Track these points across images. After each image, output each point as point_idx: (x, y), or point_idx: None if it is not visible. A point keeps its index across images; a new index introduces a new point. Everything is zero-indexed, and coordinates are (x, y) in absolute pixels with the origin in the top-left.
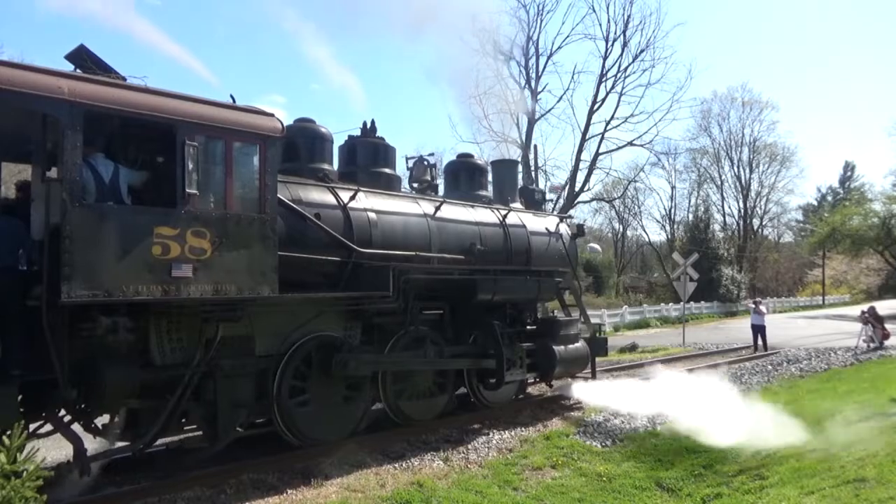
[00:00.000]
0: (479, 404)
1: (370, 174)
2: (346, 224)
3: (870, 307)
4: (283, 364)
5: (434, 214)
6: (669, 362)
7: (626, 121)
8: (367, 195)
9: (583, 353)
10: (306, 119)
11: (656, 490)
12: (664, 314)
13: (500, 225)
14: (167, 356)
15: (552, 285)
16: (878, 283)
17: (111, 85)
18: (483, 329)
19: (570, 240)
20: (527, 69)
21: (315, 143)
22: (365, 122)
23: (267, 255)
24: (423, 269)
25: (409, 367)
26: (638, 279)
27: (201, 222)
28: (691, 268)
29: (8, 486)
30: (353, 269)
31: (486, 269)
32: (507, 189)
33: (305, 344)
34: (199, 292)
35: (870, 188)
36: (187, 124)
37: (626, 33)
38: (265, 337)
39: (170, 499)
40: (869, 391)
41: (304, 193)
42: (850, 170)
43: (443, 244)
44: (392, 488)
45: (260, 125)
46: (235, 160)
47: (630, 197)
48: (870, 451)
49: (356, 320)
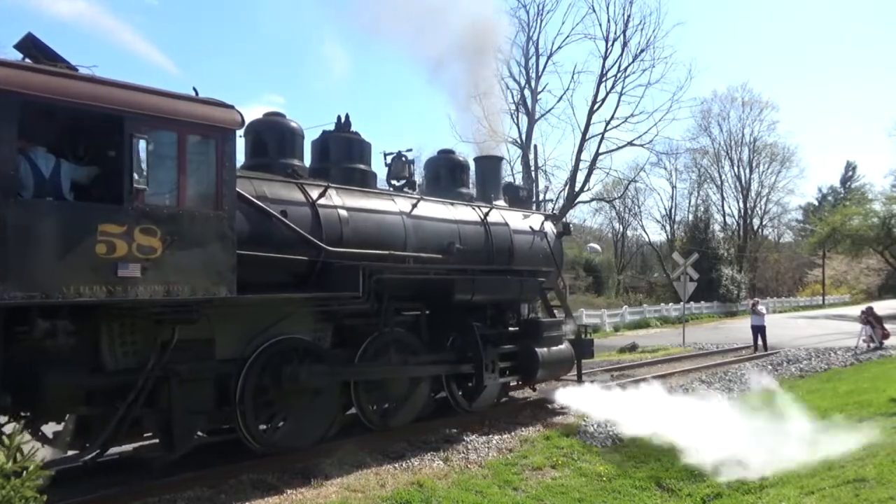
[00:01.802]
0: (459, 409)
1: (344, 170)
2: (315, 222)
3: (868, 307)
4: (247, 368)
5: (411, 212)
6: (670, 362)
7: (626, 121)
8: (339, 192)
9: (567, 356)
10: (276, 113)
11: (656, 490)
12: (664, 314)
13: (482, 223)
14: (119, 360)
15: (535, 285)
16: (878, 283)
17: (51, 74)
18: (462, 331)
19: (555, 239)
20: (527, 69)
21: (284, 138)
22: (339, 117)
23: (224, 253)
24: (398, 269)
25: (370, 376)
26: (638, 279)
27: (151, 219)
28: (691, 268)
29: (8, 486)
30: (322, 268)
31: (465, 268)
32: (490, 186)
33: (271, 347)
34: (148, 293)
35: (870, 188)
36: (135, 116)
37: (626, 33)
38: (227, 340)
39: (170, 499)
40: (869, 391)
41: (269, 190)
42: (851, 170)
43: (420, 243)
44: (392, 488)
45: (217, 117)
46: (189, 154)
47: (630, 197)
48: (870, 451)
49: (326, 322)
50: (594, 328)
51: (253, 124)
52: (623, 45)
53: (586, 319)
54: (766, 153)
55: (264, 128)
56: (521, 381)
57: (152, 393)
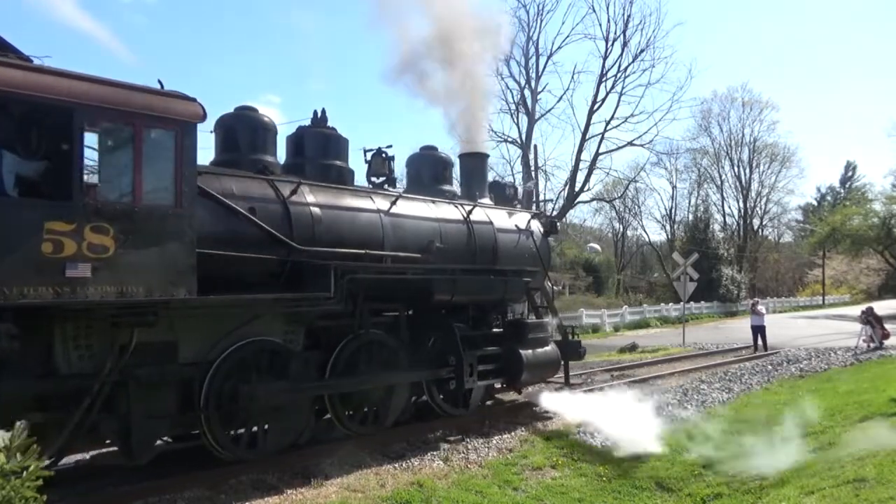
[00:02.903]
0: (440, 412)
1: (319, 167)
2: (285, 220)
3: (868, 307)
4: (213, 372)
5: (389, 210)
6: (670, 362)
7: (626, 121)
8: (312, 189)
9: (553, 358)
10: (247, 107)
11: (656, 490)
12: (664, 314)
13: (464, 221)
14: (74, 364)
15: (520, 285)
16: (878, 283)
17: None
18: (443, 333)
19: (542, 237)
20: (527, 69)
21: (257, 133)
22: (316, 111)
23: (183, 252)
24: (373, 269)
25: (339, 389)
26: (638, 279)
27: (103, 217)
28: (691, 268)
29: (8, 486)
30: (293, 268)
31: (445, 268)
32: (475, 184)
33: (238, 350)
34: (98, 294)
35: (870, 188)
36: (87, 108)
37: (626, 33)
38: (191, 342)
39: (170, 499)
40: (869, 391)
41: (237, 186)
42: (851, 170)
43: (398, 242)
44: (392, 488)
45: (176, 110)
46: (146, 148)
47: (630, 197)
48: (870, 451)
49: (299, 324)
50: (594, 328)
51: (223, 119)
52: (623, 45)
53: (586, 319)
54: (766, 153)
55: (235, 122)
56: (504, 384)
57: (111, 398)
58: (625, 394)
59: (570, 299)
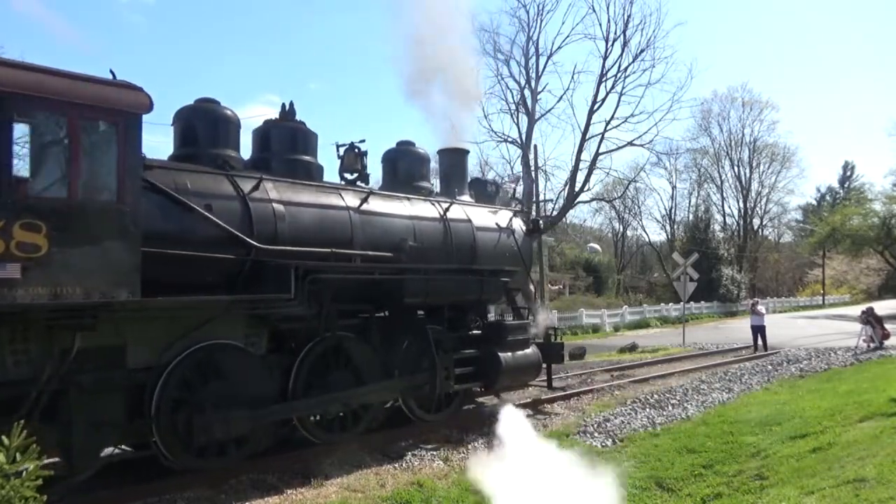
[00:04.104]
0: (413, 417)
1: (286, 162)
2: (245, 217)
3: (868, 307)
4: (165, 378)
5: (359, 207)
6: (670, 362)
7: (626, 121)
8: (276, 185)
9: (533, 361)
10: (208, 99)
11: (656, 490)
12: (664, 314)
13: (441, 219)
14: (10, 370)
15: (498, 285)
16: (878, 283)
17: None
18: (417, 335)
19: (524, 236)
20: (527, 69)
21: (218, 127)
22: (284, 104)
23: (126, 251)
24: (339, 269)
25: (303, 412)
26: (638, 279)
27: (34, 213)
28: (691, 268)
29: (8, 485)
30: (253, 268)
31: (418, 268)
32: (454, 180)
33: (193, 354)
34: (29, 297)
35: (870, 188)
36: (16, 97)
37: (626, 33)
38: (140, 347)
39: (170, 499)
40: (869, 391)
41: (193, 182)
42: (849, 170)
43: (368, 240)
44: (392, 488)
45: (118, 100)
46: (84, 140)
47: (630, 197)
48: (870, 451)
49: (261, 326)
50: (594, 328)
51: (181, 112)
52: (623, 45)
53: (586, 319)
54: (766, 153)
55: (194, 115)
56: (482, 388)
57: (51, 406)
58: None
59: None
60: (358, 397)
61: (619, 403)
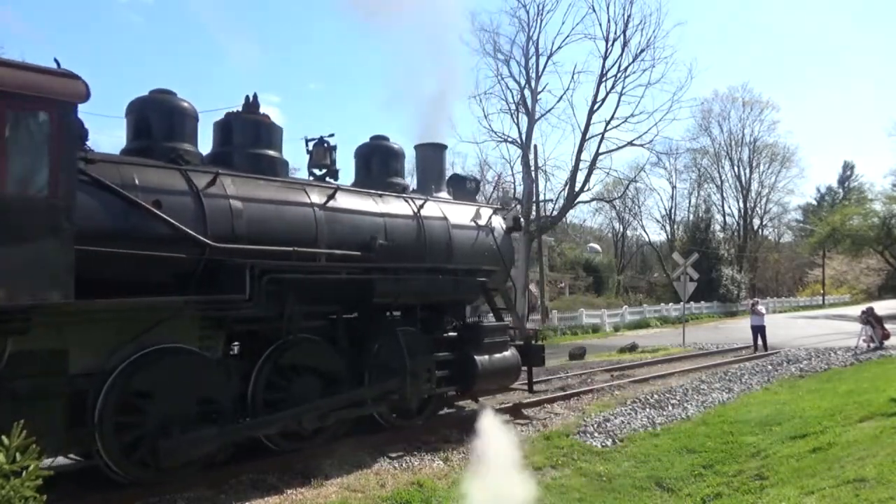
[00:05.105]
0: (383, 423)
1: (248, 157)
2: (198, 214)
3: (868, 307)
4: (110, 384)
5: (325, 204)
6: (670, 362)
7: (626, 121)
8: (234, 181)
9: (512, 364)
10: (163, 90)
11: (656, 490)
12: (664, 314)
13: (414, 217)
14: None
15: (474, 285)
16: (879, 283)
17: None
18: (389, 338)
19: (503, 234)
20: (527, 69)
21: (173, 119)
22: (247, 97)
23: (58, 250)
24: (301, 268)
25: (274, 429)
26: (638, 279)
27: None
28: (691, 268)
29: (7, 485)
30: (207, 268)
31: (387, 267)
32: (432, 176)
33: (141, 359)
34: None
35: (870, 188)
36: None
37: (626, 33)
38: (84, 351)
39: (170, 499)
40: (869, 391)
41: (141, 176)
42: (849, 170)
43: (335, 239)
44: (392, 488)
45: (52, 88)
46: (11, 130)
47: (630, 197)
48: (870, 451)
49: (217, 329)
50: (594, 328)
51: (135, 103)
52: (623, 45)
53: (586, 319)
54: (766, 153)
55: (147, 107)
56: (458, 392)
57: None
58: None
59: (570, 299)
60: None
61: (619, 403)
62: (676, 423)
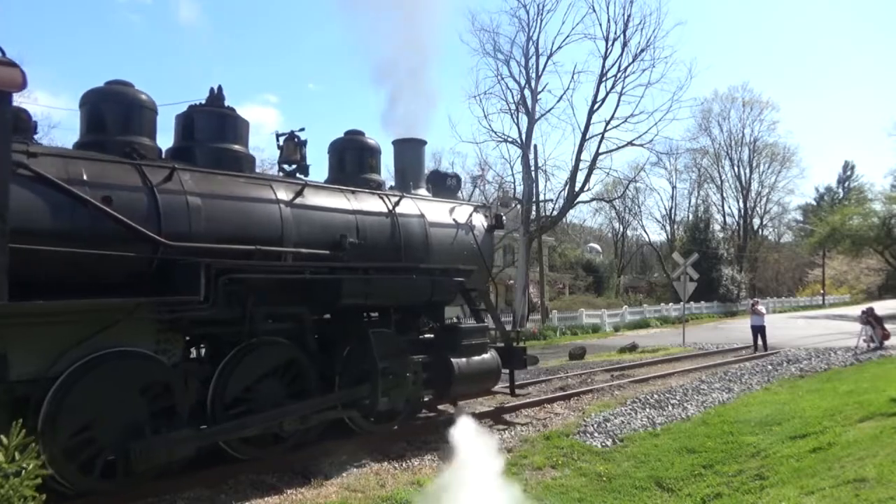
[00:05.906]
0: (355, 427)
1: (211, 151)
2: (152, 211)
3: (868, 307)
4: (55, 390)
5: (293, 201)
6: (670, 362)
7: (626, 121)
8: (193, 176)
9: (491, 367)
10: (120, 81)
11: (656, 490)
12: (664, 314)
13: (388, 214)
14: None
15: (452, 285)
16: (879, 283)
17: None
18: (358, 340)
19: (484, 233)
20: (527, 69)
21: (130, 112)
22: (212, 89)
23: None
24: (261, 268)
25: (250, 431)
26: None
27: None
28: (691, 268)
29: (7, 485)
30: (161, 267)
31: (356, 266)
32: (410, 173)
33: (88, 364)
34: None
35: (870, 188)
36: None
37: (626, 33)
38: (26, 356)
39: (170, 499)
40: (869, 391)
41: (90, 171)
42: (849, 170)
43: (302, 237)
44: (392, 488)
45: None
46: None
47: (630, 197)
48: (870, 451)
49: (175, 332)
50: (594, 328)
51: (89, 95)
52: (623, 45)
53: (586, 319)
54: (766, 153)
55: (101, 99)
56: (434, 396)
57: None
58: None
59: (569, 299)
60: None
61: (619, 403)
62: (676, 423)
